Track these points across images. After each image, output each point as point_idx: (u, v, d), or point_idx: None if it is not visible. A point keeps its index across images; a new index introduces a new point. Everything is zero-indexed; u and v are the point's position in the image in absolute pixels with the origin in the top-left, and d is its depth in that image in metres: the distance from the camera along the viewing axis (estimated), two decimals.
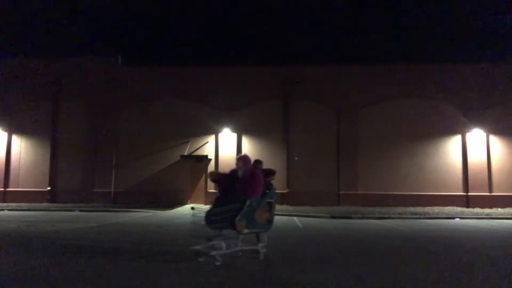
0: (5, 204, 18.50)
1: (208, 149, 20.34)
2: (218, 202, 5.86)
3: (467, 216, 15.25)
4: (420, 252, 7.35)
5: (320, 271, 5.54)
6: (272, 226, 6.22)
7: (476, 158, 19.55)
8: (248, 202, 5.71)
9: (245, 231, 5.67)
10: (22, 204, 18.69)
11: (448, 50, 38.77)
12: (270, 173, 6.46)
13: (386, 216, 15.12)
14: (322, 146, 20.09)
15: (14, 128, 20.85)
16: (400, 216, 15.26)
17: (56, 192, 20.22)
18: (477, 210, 17.64)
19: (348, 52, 40.56)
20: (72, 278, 4.91)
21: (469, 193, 19.34)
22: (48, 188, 20.15)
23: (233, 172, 6.20)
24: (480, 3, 47.93)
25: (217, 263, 5.48)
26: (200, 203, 19.77)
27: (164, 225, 11.37)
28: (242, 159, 6.14)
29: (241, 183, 5.95)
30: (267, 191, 6.14)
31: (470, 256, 6.97)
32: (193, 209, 6.04)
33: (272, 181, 6.48)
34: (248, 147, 20.24)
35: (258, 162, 6.71)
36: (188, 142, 20.28)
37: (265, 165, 6.82)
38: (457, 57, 39.76)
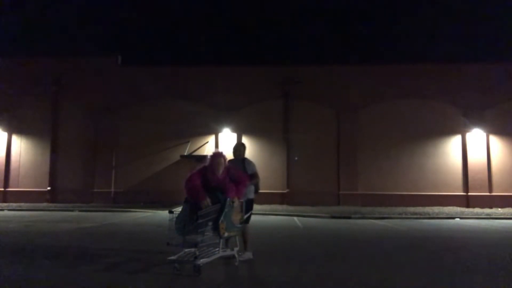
0: (5, 204, 18.49)
1: (208, 149, 20.30)
2: (194, 205, 5.20)
3: (467, 216, 15.22)
4: (420, 252, 7.34)
5: (320, 270, 5.54)
6: (243, 228, 5.82)
7: (476, 158, 19.52)
8: (228, 201, 5.26)
9: (226, 234, 5.23)
10: (22, 204, 18.67)
11: (449, 50, 38.76)
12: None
13: (386, 216, 15.11)
14: (322, 146, 20.06)
15: (14, 128, 20.82)
16: (400, 216, 15.25)
17: (56, 192, 20.19)
18: (477, 210, 17.62)
19: (348, 52, 40.57)
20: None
21: (469, 193, 19.31)
22: (48, 188, 20.13)
23: (204, 170, 5.69)
24: (480, 3, 47.92)
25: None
26: None
27: (163, 225, 11.33)
28: (222, 155, 5.63)
29: (225, 181, 5.43)
30: None
31: (470, 255, 6.96)
32: (171, 213, 5.17)
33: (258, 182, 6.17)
34: (248, 147, 20.04)
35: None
36: (188, 142, 20.26)
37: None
38: (457, 57, 39.75)
